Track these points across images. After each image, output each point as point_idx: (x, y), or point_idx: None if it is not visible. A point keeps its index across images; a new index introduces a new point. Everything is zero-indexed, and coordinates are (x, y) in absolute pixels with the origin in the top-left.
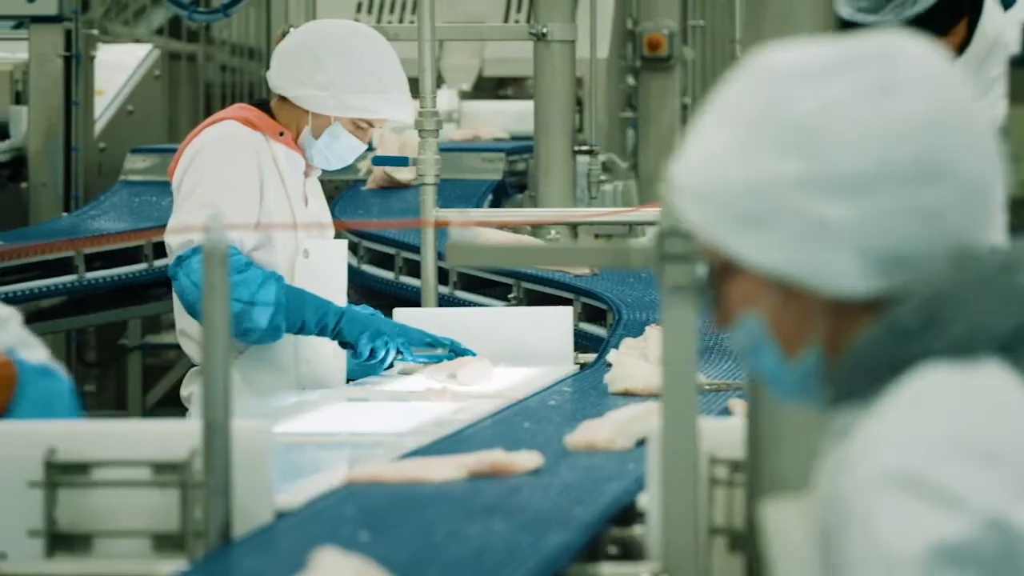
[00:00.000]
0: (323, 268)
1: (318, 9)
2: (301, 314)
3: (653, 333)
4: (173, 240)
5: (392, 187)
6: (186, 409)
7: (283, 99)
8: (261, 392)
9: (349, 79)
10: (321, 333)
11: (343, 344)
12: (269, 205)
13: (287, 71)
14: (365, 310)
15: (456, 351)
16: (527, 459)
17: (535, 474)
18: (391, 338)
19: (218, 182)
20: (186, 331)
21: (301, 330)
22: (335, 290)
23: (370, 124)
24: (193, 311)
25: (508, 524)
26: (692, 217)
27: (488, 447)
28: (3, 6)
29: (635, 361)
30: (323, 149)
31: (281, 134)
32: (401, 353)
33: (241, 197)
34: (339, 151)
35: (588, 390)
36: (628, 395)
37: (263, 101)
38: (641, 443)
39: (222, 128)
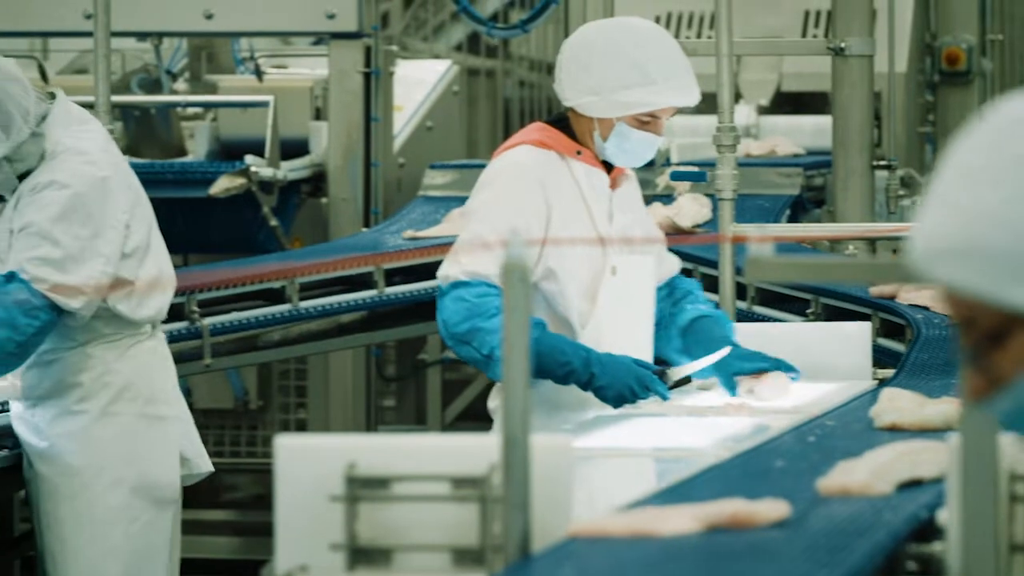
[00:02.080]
0: (631, 286)
1: None
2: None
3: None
4: (441, 270)
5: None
6: (489, 423)
7: (572, 110)
8: (562, 408)
9: (613, 77)
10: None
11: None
12: (565, 227)
13: (565, 81)
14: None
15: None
16: (770, 509)
17: (779, 526)
18: (638, 389)
19: (495, 216)
20: None
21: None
22: (643, 308)
23: (654, 116)
24: (444, 340)
25: None
26: (959, 278)
27: (737, 485)
28: (303, 23)
29: (906, 394)
30: (616, 151)
31: (579, 152)
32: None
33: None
34: (632, 149)
35: (851, 423)
36: (895, 430)
37: (562, 116)
38: (904, 487)
39: (512, 156)
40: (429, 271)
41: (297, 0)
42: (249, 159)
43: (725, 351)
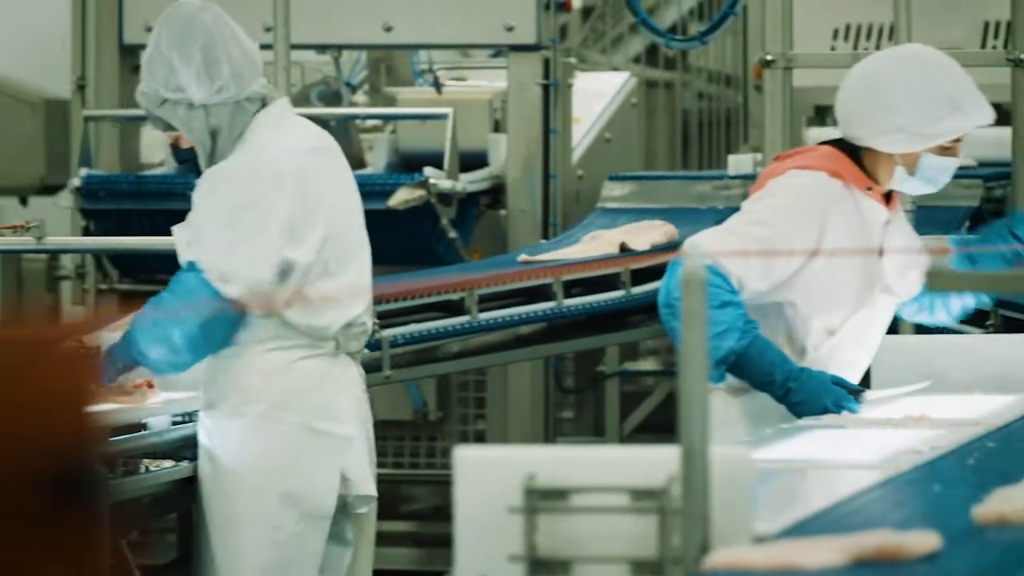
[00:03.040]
0: (874, 322)
1: (795, 36)
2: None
3: None
4: (693, 238)
5: None
6: (668, 433)
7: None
8: (754, 420)
9: (922, 112)
10: (767, 389)
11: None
12: (832, 261)
13: (861, 123)
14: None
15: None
16: (919, 541)
17: (929, 559)
18: (832, 408)
19: (762, 225)
20: None
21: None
22: (874, 342)
23: (956, 140)
24: (659, 306)
25: None
26: None
27: (890, 510)
28: (482, 35)
29: None
30: (920, 182)
31: (869, 188)
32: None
33: (773, 248)
34: (935, 177)
35: (1016, 444)
36: None
37: (846, 143)
38: None
39: (806, 180)
40: (608, 283)
41: (476, 13)
42: (428, 171)
43: (926, 384)
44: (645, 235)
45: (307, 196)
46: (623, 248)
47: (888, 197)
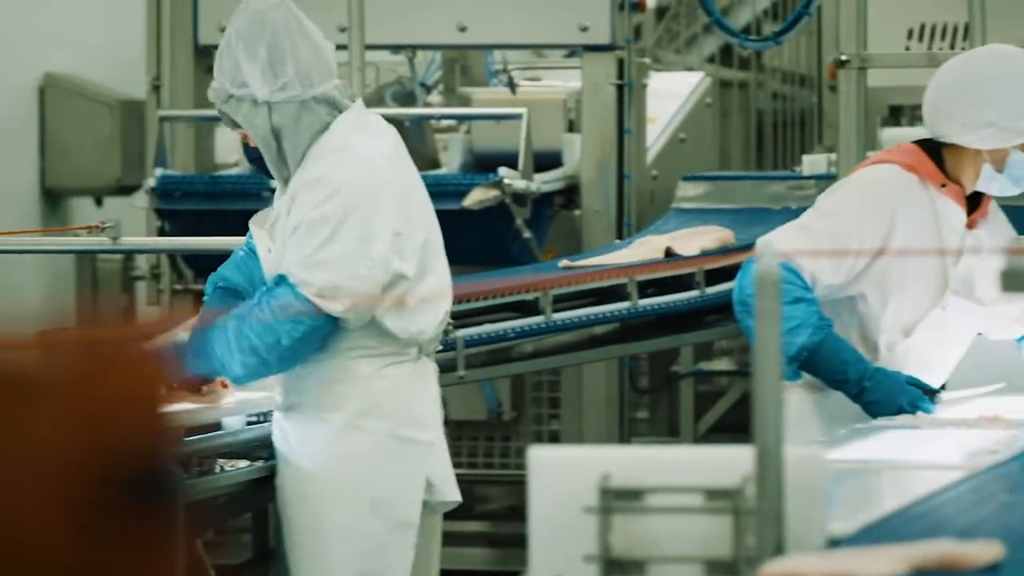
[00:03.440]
0: (951, 328)
1: (870, 36)
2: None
3: None
4: (765, 238)
5: None
6: (743, 433)
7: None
8: (829, 420)
9: (1013, 106)
10: (841, 388)
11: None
12: (905, 256)
13: (948, 119)
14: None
15: None
16: (981, 552)
17: (991, 570)
18: (907, 408)
19: (832, 220)
20: None
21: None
22: (955, 353)
23: None
24: (733, 303)
25: None
26: None
27: (953, 517)
28: (557, 35)
29: None
30: (1008, 180)
31: (943, 185)
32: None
33: (844, 242)
34: (1022, 175)
35: None
36: None
37: (932, 142)
38: None
39: (876, 172)
40: (682, 283)
41: (550, 13)
42: (502, 171)
43: (1000, 385)
44: (695, 240)
45: (406, 204)
46: (668, 253)
47: (976, 202)
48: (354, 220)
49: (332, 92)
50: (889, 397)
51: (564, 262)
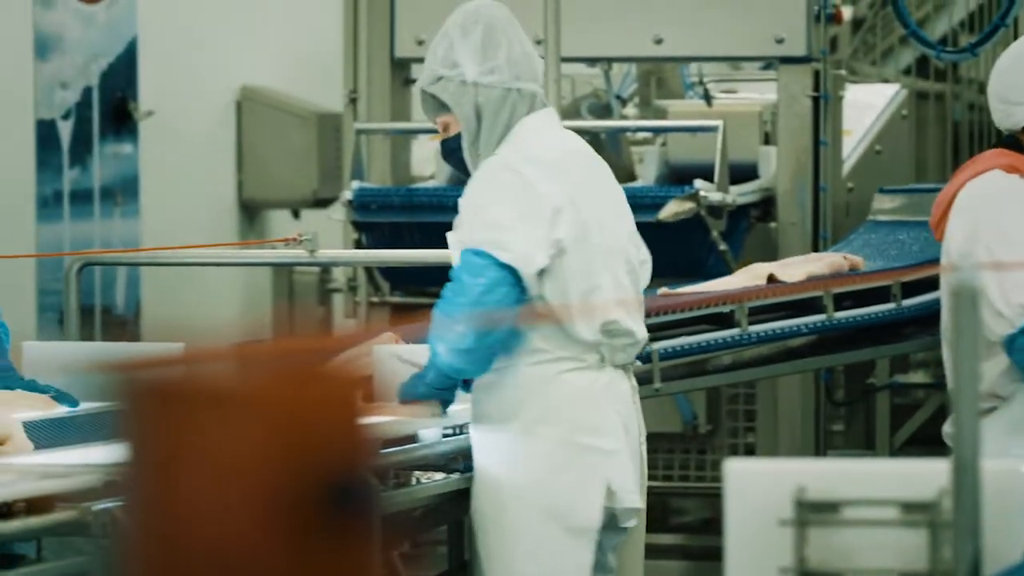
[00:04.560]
0: None
1: None
2: None
3: None
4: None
5: None
6: (940, 447)
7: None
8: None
9: None
10: None
11: None
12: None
13: (1020, 99)
14: None
15: None
16: None
17: None
18: None
19: (994, 235)
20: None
21: None
22: None
23: None
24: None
25: None
26: None
27: None
28: (752, 47)
29: None
30: None
31: None
32: None
33: (1017, 248)
34: None
35: None
36: None
37: (1011, 141)
38: None
39: (986, 180)
40: (878, 295)
41: (746, 25)
42: (698, 183)
43: None
44: (802, 267)
45: (566, 187)
46: (771, 279)
47: None
48: (520, 189)
49: (537, 90)
50: None
51: (663, 290)
